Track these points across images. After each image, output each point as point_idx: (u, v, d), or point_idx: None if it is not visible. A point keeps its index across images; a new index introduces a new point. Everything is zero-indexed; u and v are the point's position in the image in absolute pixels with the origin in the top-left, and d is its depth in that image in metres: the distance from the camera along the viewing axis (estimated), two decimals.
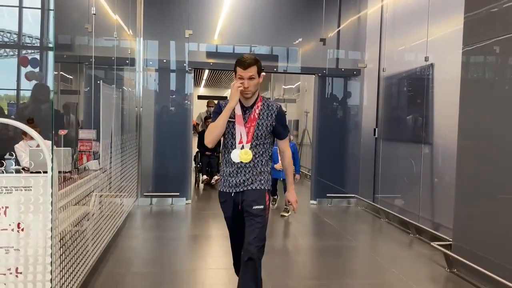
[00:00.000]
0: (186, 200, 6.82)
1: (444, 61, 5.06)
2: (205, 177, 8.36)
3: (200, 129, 9.57)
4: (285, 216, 6.22)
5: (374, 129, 6.74)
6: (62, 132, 4.54)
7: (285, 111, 11.31)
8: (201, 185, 8.66)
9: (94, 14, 3.91)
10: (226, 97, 8.43)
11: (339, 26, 7.15)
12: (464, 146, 4.05)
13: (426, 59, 5.30)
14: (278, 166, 5.88)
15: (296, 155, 6.01)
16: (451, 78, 4.62)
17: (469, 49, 4.01)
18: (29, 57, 3.23)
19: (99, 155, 4.07)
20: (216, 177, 8.28)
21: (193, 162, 8.34)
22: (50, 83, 2.70)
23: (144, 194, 6.73)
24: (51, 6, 2.73)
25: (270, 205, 5.70)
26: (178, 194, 6.78)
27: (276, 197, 6.92)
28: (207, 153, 8.40)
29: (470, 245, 3.91)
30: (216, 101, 9.26)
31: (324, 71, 7.08)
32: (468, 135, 4.02)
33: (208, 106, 9.48)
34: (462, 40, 4.10)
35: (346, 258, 4.64)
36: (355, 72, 7.15)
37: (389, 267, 4.25)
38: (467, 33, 4.05)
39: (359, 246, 5.09)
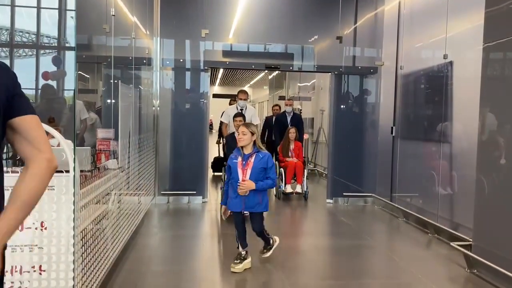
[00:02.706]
0: (203, 198, 6.85)
1: (464, 58, 4.98)
2: None
3: (228, 131, 7.04)
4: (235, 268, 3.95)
5: (392, 128, 6.67)
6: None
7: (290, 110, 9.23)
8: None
9: (114, 15, 3.95)
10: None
11: (355, 23, 7.09)
12: (485, 144, 3.99)
13: (445, 56, 5.22)
14: (240, 190, 3.85)
15: (271, 171, 3.91)
16: (471, 75, 4.55)
17: (490, 45, 3.93)
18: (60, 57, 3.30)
19: (118, 154, 4.12)
20: None
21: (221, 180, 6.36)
22: (72, 83, 2.75)
23: (162, 192, 6.79)
24: (72, 7, 2.78)
25: (265, 252, 4.15)
26: (195, 192, 6.82)
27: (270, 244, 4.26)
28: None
29: (491, 246, 3.85)
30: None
31: (341, 69, 7.03)
32: (488, 134, 3.95)
33: (240, 98, 7.03)
34: (482, 36, 4.03)
35: (364, 258, 4.61)
36: (372, 70, 7.08)
37: (407, 267, 4.21)
38: (488, 29, 3.97)
39: (377, 246, 5.05)
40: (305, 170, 7.33)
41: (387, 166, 6.75)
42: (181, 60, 6.78)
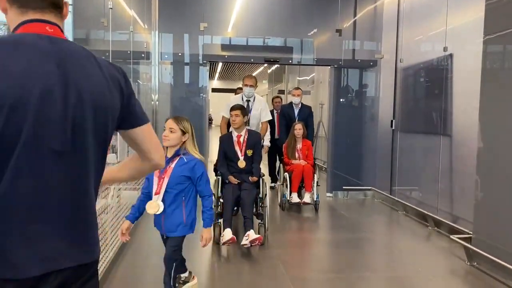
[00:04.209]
0: None
1: (464, 51, 4.96)
2: (229, 233, 4.08)
3: (223, 125, 5.48)
4: None
5: (391, 121, 6.66)
6: None
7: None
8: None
9: (111, 8, 3.92)
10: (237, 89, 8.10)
11: (355, 16, 7.05)
12: (485, 137, 3.97)
13: (445, 49, 5.20)
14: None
15: (201, 182, 2.90)
16: (471, 68, 4.52)
17: (491, 38, 3.91)
18: None
19: (117, 148, 4.10)
20: (251, 234, 4.05)
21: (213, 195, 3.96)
22: None
23: None
24: (70, 1, 2.76)
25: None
26: None
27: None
28: (234, 178, 4.55)
29: (491, 238, 3.85)
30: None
31: (340, 63, 7.00)
32: (489, 126, 3.93)
33: (245, 85, 5.53)
34: (482, 29, 4.00)
35: (364, 251, 4.61)
36: (371, 63, 7.06)
37: (407, 260, 4.21)
38: (488, 21, 3.94)
39: (377, 239, 5.05)
40: (316, 174, 6.03)
41: (386, 160, 6.75)
42: (180, 54, 6.75)
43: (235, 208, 4.60)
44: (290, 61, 7.12)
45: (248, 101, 5.47)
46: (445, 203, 5.19)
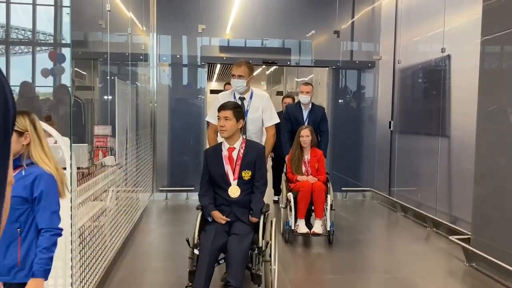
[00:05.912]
0: None
1: (462, 52, 4.97)
2: None
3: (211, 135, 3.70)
4: None
5: (390, 122, 6.67)
6: None
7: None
8: None
9: (109, 10, 3.92)
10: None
11: (353, 17, 7.06)
12: (483, 138, 3.98)
13: (443, 50, 5.21)
14: None
15: (41, 205, 1.91)
16: (469, 69, 4.53)
17: (488, 38, 3.92)
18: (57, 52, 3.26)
19: (115, 151, 4.10)
20: None
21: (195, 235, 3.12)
22: (67, 79, 2.73)
23: (160, 189, 6.78)
24: (67, 3, 2.76)
25: None
26: (193, 188, 6.80)
27: None
28: (221, 214, 3.02)
29: (489, 239, 3.85)
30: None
31: (338, 64, 7.01)
32: (487, 127, 3.94)
33: (233, 75, 3.63)
34: (480, 29, 4.01)
35: (363, 252, 4.61)
36: (369, 64, 7.07)
37: (406, 261, 4.21)
38: (486, 22, 3.95)
39: (376, 240, 5.05)
40: (329, 195, 4.64)
41: (385, 161, 6.76)
42: (178, 56, 6.75)
43: (218, 263, 3.01)
44: (288, 63, 7.13)
45: (242, 98, 3.61)
46: (443, 204, 5.20)
